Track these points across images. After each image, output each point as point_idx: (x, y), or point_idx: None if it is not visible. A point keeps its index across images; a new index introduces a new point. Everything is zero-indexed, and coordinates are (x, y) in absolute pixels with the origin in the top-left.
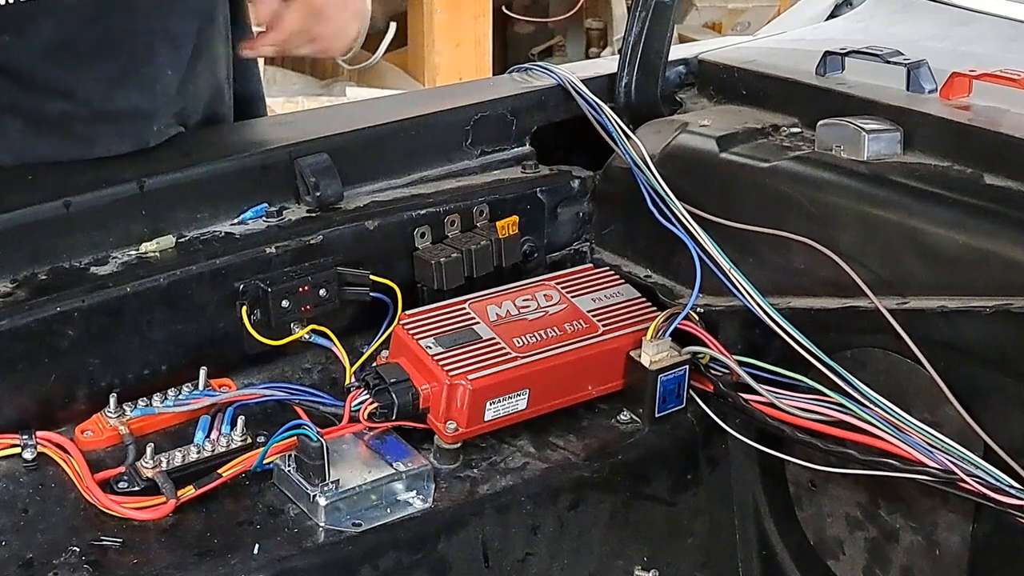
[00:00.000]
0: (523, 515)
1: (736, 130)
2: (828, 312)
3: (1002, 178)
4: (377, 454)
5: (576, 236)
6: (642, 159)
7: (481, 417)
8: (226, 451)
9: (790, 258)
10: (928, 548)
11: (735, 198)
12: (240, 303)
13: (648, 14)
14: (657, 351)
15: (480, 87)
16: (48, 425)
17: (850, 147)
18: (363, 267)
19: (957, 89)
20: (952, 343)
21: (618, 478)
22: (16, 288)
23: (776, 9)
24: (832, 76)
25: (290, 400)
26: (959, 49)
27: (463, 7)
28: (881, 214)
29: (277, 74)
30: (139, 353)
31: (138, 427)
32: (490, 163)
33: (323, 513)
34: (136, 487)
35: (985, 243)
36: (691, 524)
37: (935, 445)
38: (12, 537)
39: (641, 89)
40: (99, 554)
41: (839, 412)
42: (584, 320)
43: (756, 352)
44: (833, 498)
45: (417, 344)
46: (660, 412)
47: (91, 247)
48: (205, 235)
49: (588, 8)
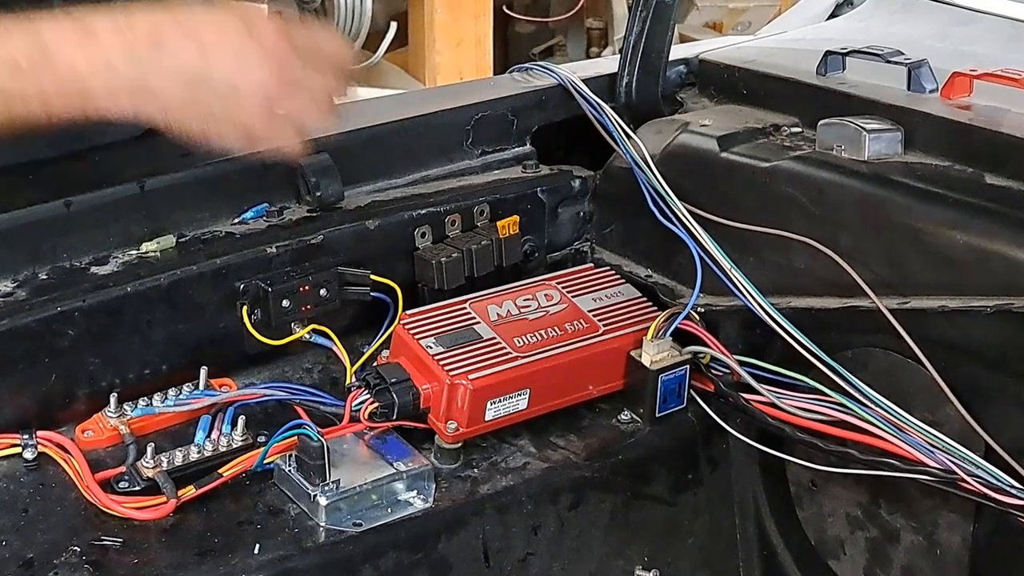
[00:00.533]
0: (524, 515)
1: (737, 130)
2: (829, 312)
3: (1003, 178)
4: (378, 454)
5: (577, 236)
6: (643, 159)
7: (482, 417)
8: (227, 451)
9: (791, 258)
10: (929, 548)
11: (736, 198)
12: (241, 303)
13: (649, 14)
14: (658, 351)
15: (481, 87)
16: (49, 425)
17: (851, 147)
18: (364, 267)
19: (958, 89)
20: (953, 343)
21: (619, 478)
22: (17, 288)
23: (777, 9)
24: (833, 76)
25: (291, 400)
26: (960, 49)
27: (464, 7)
28: (882, 214)
29: None
30: (140, 353)
31: (139, 427)
32: (491, 163)
33: (324, 513)
34: (137, 487)
35: (986, 243)
36: (692, 524)
37: (936, 445)
38: (12, 537)
39: (642, 89)
40: (100, 554)
41: (840, 412)
42: (585, 320)
43: (757, 352)
44: (834, 498)
45: (418, 344)
46: (661, 412)
47: (92, 247)
48: (206, 235)
49: (589, 8)
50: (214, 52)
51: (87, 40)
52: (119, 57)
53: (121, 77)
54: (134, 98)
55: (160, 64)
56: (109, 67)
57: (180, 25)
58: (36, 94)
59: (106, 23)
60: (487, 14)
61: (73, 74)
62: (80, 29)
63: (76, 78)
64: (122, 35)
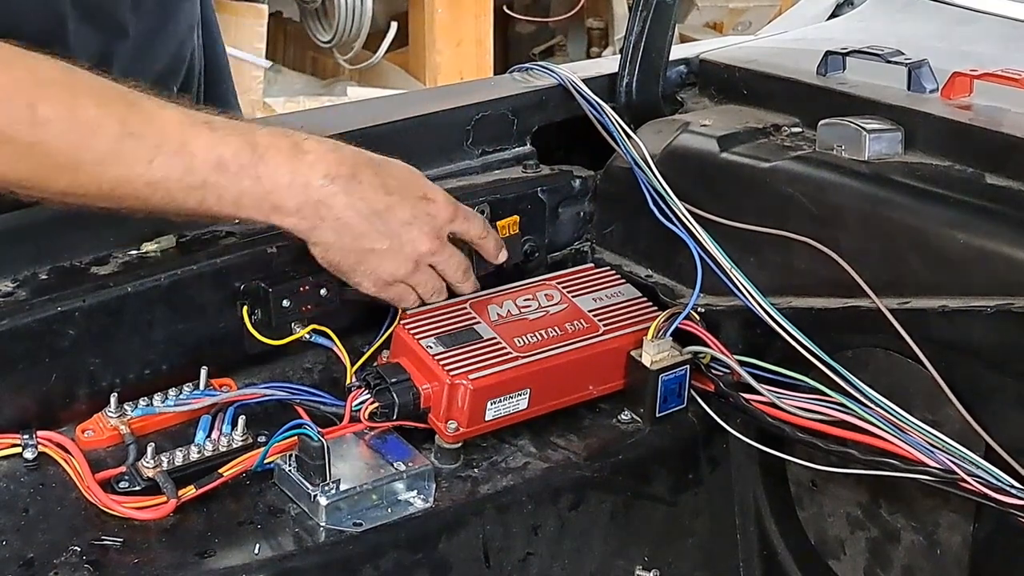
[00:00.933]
0: (524, 515)
1: (737, 130)
2: (829, 312)
3: (1003, 178)
4: (378, 454)
5: (577, 236)
6: (643, 159)
7: (482, 417)
8: (227, 451)
9: (791, 258)
10: (929, 548)
11: (736, 198)
12: (241, 303)
13: (649, 14)
14: (658, 351)
15: (481, 87)
16: (49, 425)
17: (851, 147)
18: None
19: (958, 89)
20: (953, 343)
21: (619, 478)
22: (17, 288)
23: (777, 9)
24: (833, 76)
25: (291, 400)
26: (960, 49)
27: (464, 7)
28: (882, 214)
29: (278, 74)
30: (140, 353)
31: (139, 427)
32: (491, 163)
33: (324, 513)
34: (137, 487)
35: (986, 243)
36: (692, 524)
37: (936, 445)
38: (13, 537)
39: (642, 89)
40: (100, 554)
41: (840, 412)
42: (585, 320)
43: (757, 352)
44: (834, 498)
45: (418, 344)
46: (661, 412)
47: (92, 247)
48: (206, 235)
49: (589, 8)
50: (397, 198)
51: (294, 157)
52: (316, 178)
53: (308, 197)
54: (314, 220)
55: (355, 191)
56: (307, 187)
57: (373, 161)
58: (234, 195)
59: (314, 145)
60: (487, 14)
61: (272, 185)
62: (293, 147)
63: (274, 189)
64: (325, 161)
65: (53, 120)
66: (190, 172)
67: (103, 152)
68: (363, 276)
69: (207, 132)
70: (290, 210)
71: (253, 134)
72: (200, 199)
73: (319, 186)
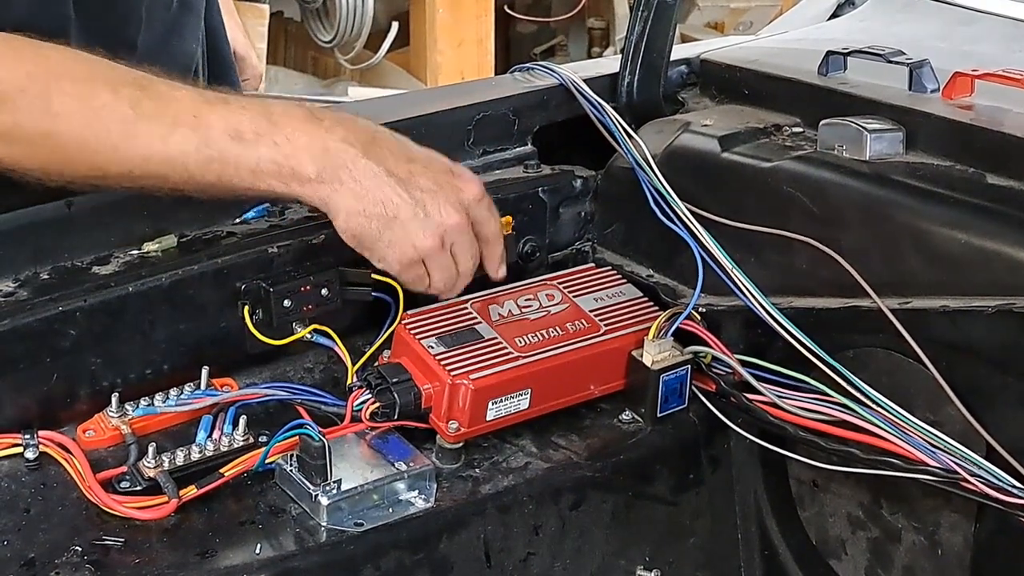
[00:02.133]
0: (525, 515)
1: (738, 130)
2: (830, 312)
3: (1004, 178)
4: (379, 454)
5: (578, 236)
6: (644, 159)
7: (483, 417)
8: (228, 451)
9: (792, 258)
10: (930, 548)
11: (737, 198)
12: (242, 303)
13: (650, 14)
14: (659, 351)
15: (482, 87)
16: (50, 425)
17: (852, 147)
18: (365, 267)
19: (959, 89)
20: (954, 343)
21: (620, 478)
22: (18, 287)
23: (778, 9)
24: (834, 76)
25: (292, 400)
26: (961, 49)
27: (465, 7)
28: (883, 214)
29: (279, 74)
30: (141, 352)
31: (140, 427)
32: (492, 162)
33: (325, 513)
34: (138, 487)
35: (987, 243)
36: (693, 524)
37: (937, 445)
38: (14, 537)
39: (643, 89)
40: (101, 554)
41: (841, 412)
42: (586, 320)
43: (758, 352)
44: (835, 498)
45: (419, 344)
46: (662, 412)
47: (93, 246)
48: (207, 235)
49: (590, 8)
50: (420, 167)
51: (311, 123)
52: (334, 140)
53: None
54: (333, 183)
55: (374, 155)
56: (325, 150)
57: (394, 133)
58: (252, 163)
59: (329, 114)
60: (489, 14)
61: (291, 149)
62: (308, 115)
63: (293, 152)
64: (343, 126)
65: (68, 110)
66: (207, 144)
67: (119, 135)
68: (387, 248)
69: (221, 106)
70: (309, 175)
71: (267, 106)
72: (219, 173)
73: (338, 149)
